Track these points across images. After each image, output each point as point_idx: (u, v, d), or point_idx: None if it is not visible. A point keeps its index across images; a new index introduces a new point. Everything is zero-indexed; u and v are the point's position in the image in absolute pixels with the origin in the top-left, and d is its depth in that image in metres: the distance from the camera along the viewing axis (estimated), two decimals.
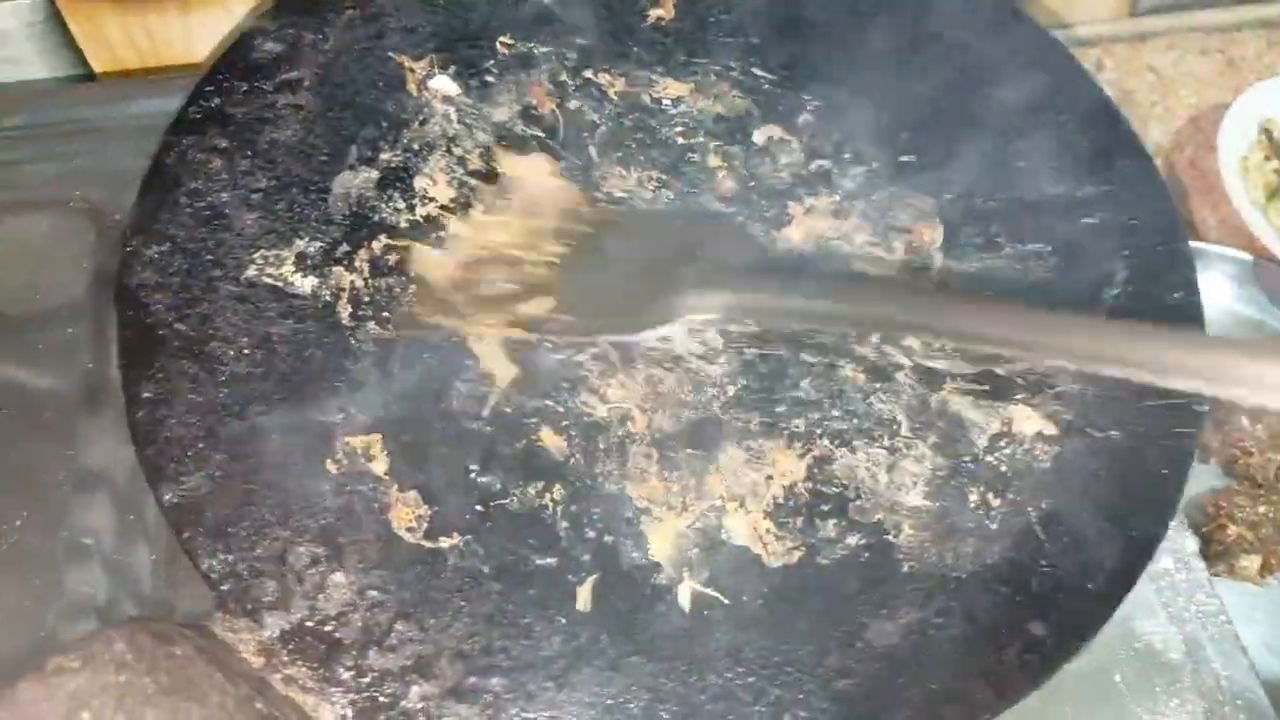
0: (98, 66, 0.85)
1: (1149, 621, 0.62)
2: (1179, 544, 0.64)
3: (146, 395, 0.55)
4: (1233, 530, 0.75)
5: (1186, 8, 1.05)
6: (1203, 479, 0.76)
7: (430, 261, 0.63)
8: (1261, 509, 0.76)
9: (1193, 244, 0.82)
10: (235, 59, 0.67)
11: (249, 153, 0.64)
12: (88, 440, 0.63)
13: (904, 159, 0.69)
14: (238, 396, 0.56)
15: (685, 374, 0.62)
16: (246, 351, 0.58)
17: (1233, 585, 0.73)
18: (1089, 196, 0.67)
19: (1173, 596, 0.63)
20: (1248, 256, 0.84)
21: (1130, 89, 1.01)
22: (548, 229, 0.65)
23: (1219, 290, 0.84)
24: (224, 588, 0.50)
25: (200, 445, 0.54)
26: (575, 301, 0.62)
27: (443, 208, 0.65)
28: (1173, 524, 0.59)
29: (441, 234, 0.65)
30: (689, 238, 0.65)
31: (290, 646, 0.49)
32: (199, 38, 0.83)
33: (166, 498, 0.52)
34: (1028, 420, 0.61)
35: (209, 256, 0.60)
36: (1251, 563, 0.74)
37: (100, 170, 0.73)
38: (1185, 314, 0.63)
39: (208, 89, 0.65)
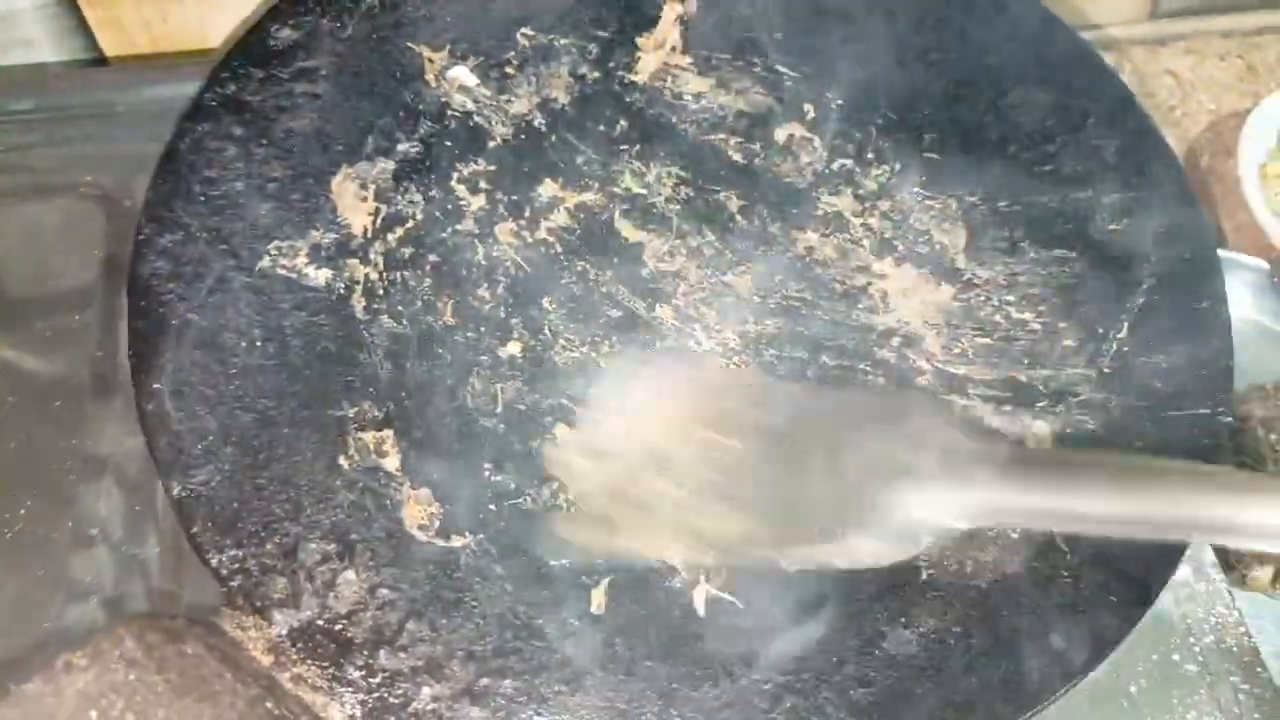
0: (110, 50, 0.84)
1: (1166, 632, 0.61)
2: (1197, 554, 0.63)
3: (157, 386, 0.54)
4: None
5: (1206, 12, 1.04)
6: None
7: (576, 470, 0.57)
8: None
9: None
10: (252, 45, 0.66)
11: (264, 141, 0.63)
12: (96, 429, 0.62)
13: (928, 159, 0.68)
14: (249, 389, 0.55)
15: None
16: (259, 344, 0.57)
17: (1244, 595, 0.72)
18: (1116, 202, 0.66)
19: (1191, 608, 0.62)
20: (1266, 265, 0.83)
21: (1149, 92, 1.00)
22: (699, 415, 0.57)
23: (1236, 299, 0.82)
24: (233, 584, 0.50)
25: (210, 438, 0.53)
26: (768, 510, 0.52)
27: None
28: None
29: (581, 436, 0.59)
30: (887, 413, 0.55)
31: (300, 645, 0.49)
32: (214, 23, 0.82)
33: (175, 491, 0.51)
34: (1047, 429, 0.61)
35: (222, 246, 0.59)
36: (1264, 573, 0.73)
37: (112, 156, 0.72)
38: (1211, 323, 0.62)
39: (223, 75, 0.64)
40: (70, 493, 0.60)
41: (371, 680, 0.49)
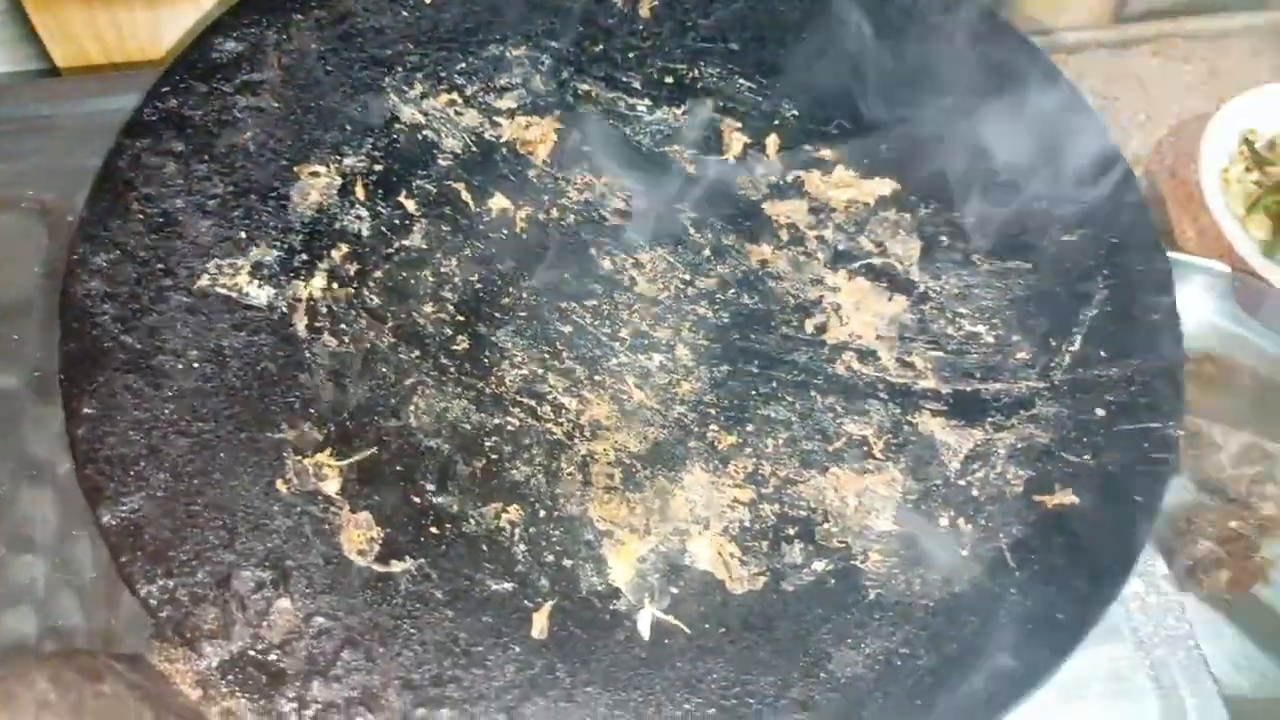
0: (61, 61, 0.83)
1: (1117, 645, 0.60)
2: (1149, 566, 0.62)
3: (88, 411, 0.53)
4: (1204, 545, 0.74)
5: (1171, 15, 1.04)
6: (1174, 494, 0.75)
7: None
8: (1232, 524, 0.75)
9: (1171, 255, 0.80)
10: (194, 59, 0.65)
11: (206, 157, 0.62)
12: (34, 437, 0.61)
13: (882, 172, 0.68)
14: (184, 412, 0.54)
15: (653, 390, 0.61)
16: (196, 365, 0.56)
17: (1202, 599, 0.72)
18: (1070, 213, 0.65)
19: (1142, 620, 0.61)
20: (1226, 269, 0.83)
21: (1114, 95, 1.00)
22: None
23: (1197, 302, 0.82)
24: (162, 614, 0.49)
25: (142, 464, 0.52)
26: None
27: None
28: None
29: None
30: None
31: (230, 677, 0.48)
32: (168, 33, 0.81)
33: (105, 519, 0.50)
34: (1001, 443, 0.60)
35: (160, 265, 0.58)
36: (1222, 578, 0.73)
37: (57, 169, 0.71)
38: (1163, 335, 0.62)
39: (164, 90, 0.63)
40: (8, 497, 0.59)
41: (304, 713, 0.48)
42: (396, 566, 0.53)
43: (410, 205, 0.65)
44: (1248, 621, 0.71)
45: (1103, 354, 0.62)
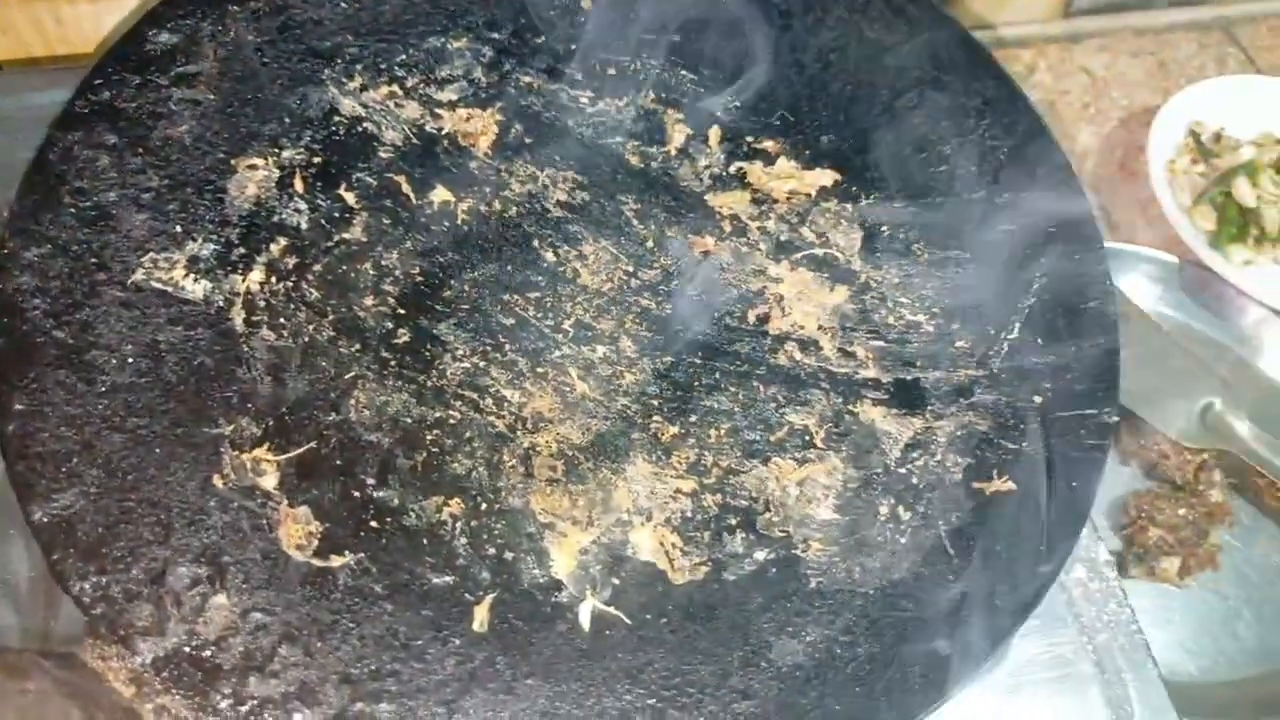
0: (1, 55, 0.81)
1: (1060, 631, 0.61)
2: (1092, 552, 0.63)
3: (18, 408, 0.52)
4: (1153, 532, 0.75)
5: (1119, 9, 1.05)
6: (1123, 481, 0.76)
7: None
8: (1181, 511, 0.76)
9: (1119, 246, 0.82)
10: (128, 50, 0.64)
11: (140, 150, 0.61)
12: None
13: (824, 163, 0.68)
14: (118, 408, 0.54)
15: (597, 382, 0.61)
16: (130, 360, 0.55)
17: (1152, 586, 0.73)
18: (1008, 202, 0.66)
19: (1085, 606, 0.62)
20: (1173, 259, 0.84)
21: (1064, 89, 1.01)
22: None
23: (1144, 292, 0.83)
24: (95, 612, 0.48)
25: (75, 460, 0.51)
26: None
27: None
28: (1084, 532, 0.59)
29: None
30: None
31: (164, 674, 0.47)
32: (109, 24, 0.80)
33: (36, 516, 0.50)
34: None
35: (93, 259, 0.57)
36: (1171, 564, 0.74)
37: None
38: (1098, 322, 0.62)
39: (97, 82, 0.62)
40: None
41: (240, 709, 0.47)
42: (336, 561, 0.52)
43: (350, 198, 0.64)
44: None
45: (1040, 342, 0.62)
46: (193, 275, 0.59)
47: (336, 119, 0.66)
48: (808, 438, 0.60)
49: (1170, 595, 0.74)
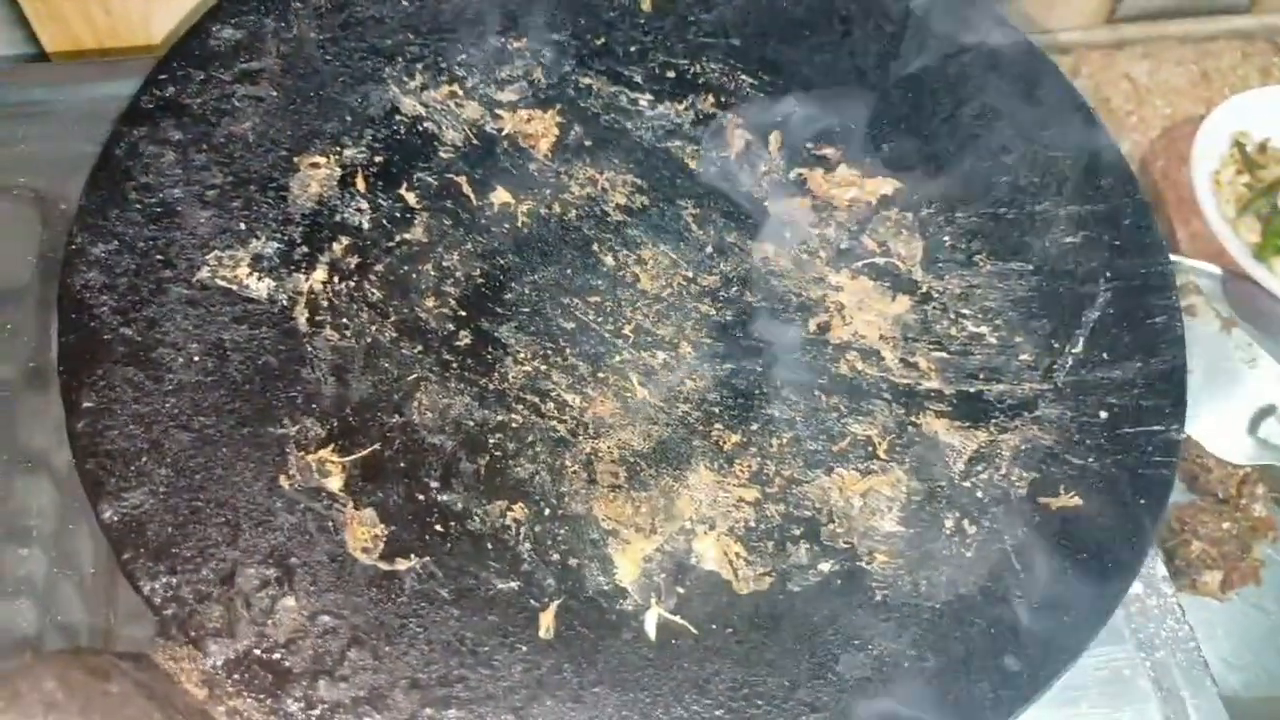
0: (50, 46, 0.81)
1: (1117, 647, 0.61)
2: (1150, 568, 0.63)
3: (88, 405, 0.52)
4: (1196, 546, 0.75)
5: (1164, 17, 1.04)
6: None
7: None
8: (1224, 525, 0.75)
9: None
10: (192, 46, 0.64)
11: (204, 146, 0.61)
12: (30, 425, 0.60)
13: (885, 170, 0.68)
14: (185, 406, 0.53)
15: (657, 388, 0.60)
16: (196, 358, 0.55)
17: (1194, 600, 0.72)
18: (1073, 214, 0.66)
19: (1143, 623, 0.62)
20: (1217, 270, 0.84)
21: (1105, 97, 1.00)
22: None
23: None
24: (166, 612, 0.48)
25: (143, 459, 0.51)
26: None
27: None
28: None
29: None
30: None
31: (235, 676, 0.47)
32: (159, 17, 0.80)
33: (106, 515, 0.49)
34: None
35: (159, 256, 0.57)
36: (1213, 578, 0.73)
37: (49, 156, 0.70)
38: (1165, 338, 0.62)
39: (161, 77, 0.62)
40: (4, 487, 0.58)
41: (311, 712, 0.47)
42: (401, 564, 0.52)
43: (411, 198, 0.64)
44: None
45: (1105, 356, 0.62)
46: (256, 274, 0.59)
47: (398, 118, 0.66)
48: (870, 449, 0.59)
49: (1212, 609, 0.73)
